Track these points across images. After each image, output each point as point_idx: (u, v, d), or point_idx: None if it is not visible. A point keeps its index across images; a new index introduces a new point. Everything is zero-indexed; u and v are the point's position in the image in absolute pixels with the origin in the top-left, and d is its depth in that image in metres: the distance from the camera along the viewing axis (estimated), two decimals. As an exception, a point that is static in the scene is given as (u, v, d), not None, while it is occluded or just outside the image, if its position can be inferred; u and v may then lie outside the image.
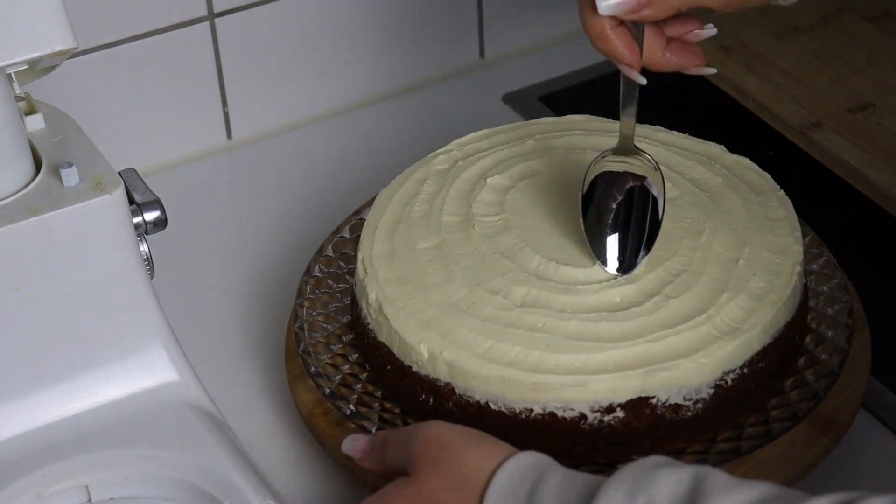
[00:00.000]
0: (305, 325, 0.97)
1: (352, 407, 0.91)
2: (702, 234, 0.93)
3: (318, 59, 1.24)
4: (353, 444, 0.84)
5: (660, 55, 0.86)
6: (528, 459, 0.76)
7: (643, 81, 0.86)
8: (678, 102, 1.26)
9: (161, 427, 0.91)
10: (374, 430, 0.89)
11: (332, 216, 1.11)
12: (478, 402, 0.87)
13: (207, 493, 0.88)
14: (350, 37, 1.25)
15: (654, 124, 1.04)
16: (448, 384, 0.87)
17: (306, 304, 0.98)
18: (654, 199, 0.91)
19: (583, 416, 0.85)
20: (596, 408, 0.85)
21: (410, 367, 0.89)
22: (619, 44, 0.84)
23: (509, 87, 1.29)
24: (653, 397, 0.85)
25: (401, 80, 1.29)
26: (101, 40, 1.15)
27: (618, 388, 0.85)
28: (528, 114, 1.23)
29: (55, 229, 0.89)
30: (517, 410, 0.86)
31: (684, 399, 0.86)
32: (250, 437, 0.95)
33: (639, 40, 0.85)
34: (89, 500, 0.90)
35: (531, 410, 0.86)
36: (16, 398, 0.91)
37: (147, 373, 0.93)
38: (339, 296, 0.99)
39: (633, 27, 0.84)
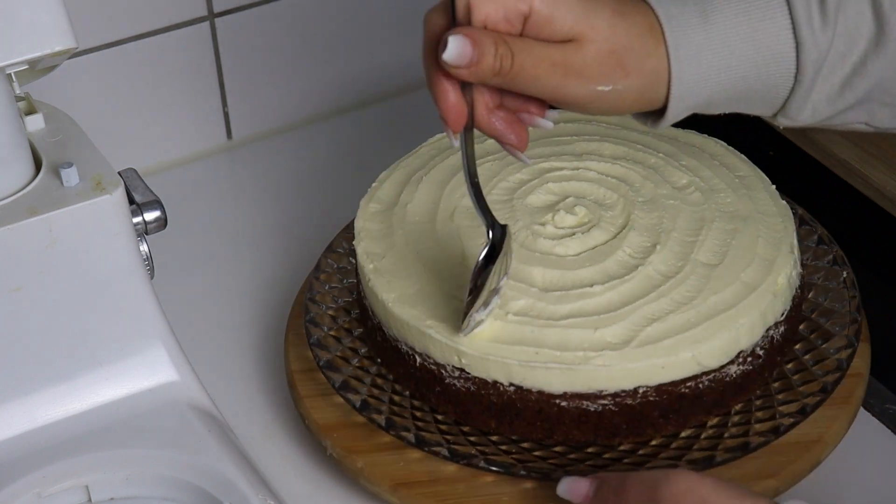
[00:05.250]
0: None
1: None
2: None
3: (318, 59, 1.24)
4: (572, 486, 0.83)
5: (486, 116, 0.81)
6: None
7: (454, 144, 0.81)
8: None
9: (161, 427, 0.91)
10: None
11: (331, 216, 1.12)
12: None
13: (207, 493, 0.88)
14: (350, 37, 1.25)
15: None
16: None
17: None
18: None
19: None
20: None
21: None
22: (442, 93, 0.79)
23: (509, 87, 1.29)
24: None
25: (401, 80, 1.29)
26: (101, 40, 1.15)
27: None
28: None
29: (55, 229, 0.89)
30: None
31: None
32: (250, 437, 0.95)
33: (467, 98, 0.80)
34: (89, 500, 0.90)
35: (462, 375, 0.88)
36: (16, 398, 0.91)
37: (147, 373, 0.94)
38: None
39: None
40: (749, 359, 0.88)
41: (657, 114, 0.82)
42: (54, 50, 0.87)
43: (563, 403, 0.87)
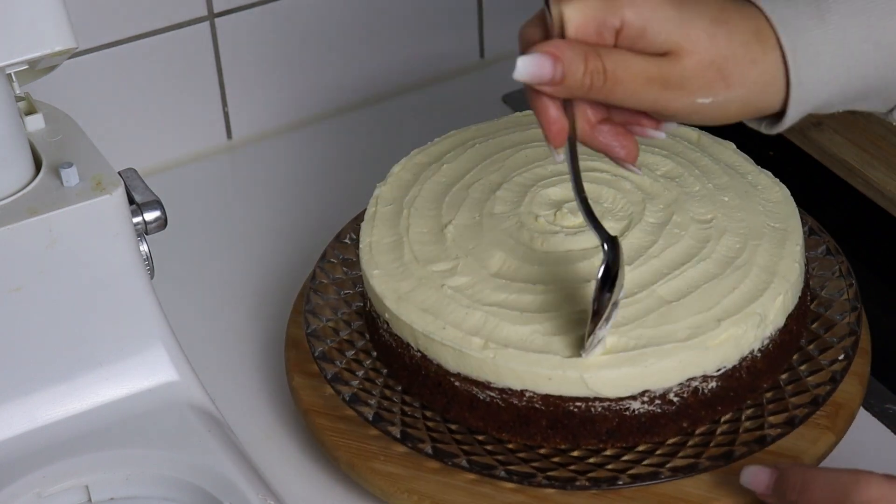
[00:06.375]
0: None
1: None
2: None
3: (318, 59, 1.24)
4: (755, 478, 0.82)
5: (588, 130, 0.78)
6: None
7: (557, 159, 0.78)
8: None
9: (161, 427, 0.91)
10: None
11: (331, 216, 1.12)
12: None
13: (207, 493, 0.88)
14: (350, 37, 1.25)
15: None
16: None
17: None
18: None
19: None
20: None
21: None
22: (542, 109, 0.77)
23: (509, 87, 1.29)
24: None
25: (401, 80, 1.29)
26: (101, 40, 1.15)
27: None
28: (528, 114, 1.23)
29: (55, 229, 0.89)
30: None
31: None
32: (250, 437, 0.95)
33: (569, 113, 0.77)
34: (89, 500, 0.90)
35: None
36: (16, 398, 0.91)
37: (147, 373, 0.94)
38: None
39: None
40: (658, 401, 0.86)
41: (772, 117, 0.79)
42: (54, 50, 0.87)
43: (457, 384, 0.88)
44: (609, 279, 0.83)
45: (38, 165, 0.92)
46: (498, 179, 0.98)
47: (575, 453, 0.88)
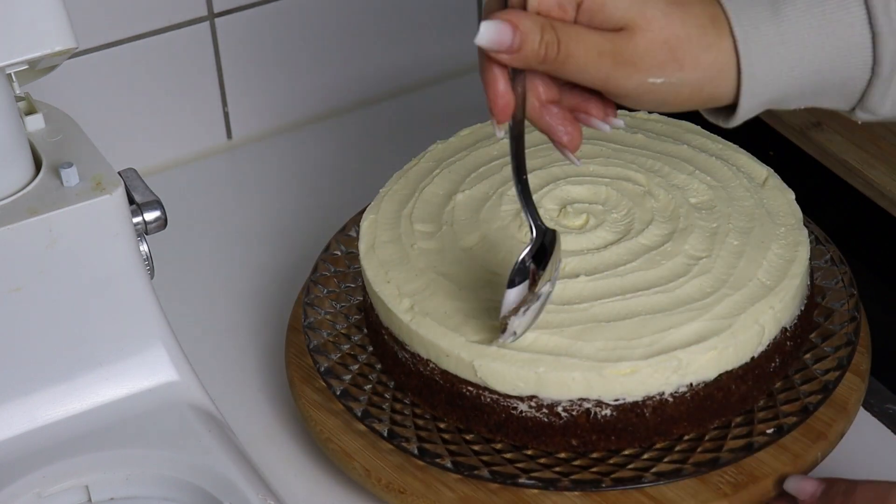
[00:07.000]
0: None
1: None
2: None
3: (318, 58, 1.24)
4: (800, 487, 0.83)
5: (537, 108, 0.78)
6: None
7: (498, 135, 0.78)
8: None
9: (161, 427, 0.91)
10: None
11: (331, 216, 1.12)
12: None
13: (207, 493, 0.88)
14: (350, 37, 1.25)
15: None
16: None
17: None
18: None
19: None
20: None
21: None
22: (491, 80, 0.77)
23: (509, 87, 1.29)
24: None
25: (401, 80, 1.29)
26: (101, 40, 1.15)
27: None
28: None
29: (55, 229, 0.89)
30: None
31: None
32: (250, 437, 0.95)
33: (517, 89, 0.77)
34: (89, 500, 0.90)
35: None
36: (16, 398, 0.91)
37: (147, 373, 0.94)
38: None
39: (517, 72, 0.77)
40: (545, 410, 0.85)
41: (729, 109, 0.79)
42: (54, 50, 0.87)
43: (386, 337, 0.91)
44: (525, 270, 0.82)
45: (38, 165, 0.92)
46: (536, 165, 0.97)
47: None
